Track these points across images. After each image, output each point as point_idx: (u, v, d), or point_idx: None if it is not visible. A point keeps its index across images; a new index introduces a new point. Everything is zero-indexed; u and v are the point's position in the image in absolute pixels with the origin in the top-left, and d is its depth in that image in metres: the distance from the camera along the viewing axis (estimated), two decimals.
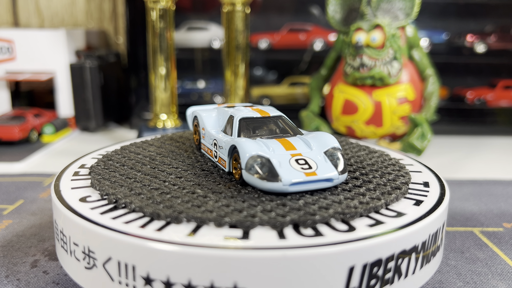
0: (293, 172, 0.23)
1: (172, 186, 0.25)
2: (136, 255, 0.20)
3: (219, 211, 0.21)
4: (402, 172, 0.28)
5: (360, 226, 0.21)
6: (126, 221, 0.22)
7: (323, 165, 0.24)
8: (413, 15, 0.51)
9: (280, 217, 0.21)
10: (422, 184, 0.27)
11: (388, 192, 0.25)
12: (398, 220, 0.22)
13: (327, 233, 0.20)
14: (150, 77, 0.56)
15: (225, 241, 0.19)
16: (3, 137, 0.56)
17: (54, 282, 0.27)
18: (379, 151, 0.33)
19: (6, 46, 0.64)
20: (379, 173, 0.28)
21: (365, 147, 0.34)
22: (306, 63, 0.71)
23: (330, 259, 0.19)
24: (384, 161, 0.30)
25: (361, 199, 0.23)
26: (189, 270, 0.19)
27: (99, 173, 0.27)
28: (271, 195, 0.23)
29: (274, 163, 0.23)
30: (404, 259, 0.21)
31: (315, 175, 0.23)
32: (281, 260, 0.19)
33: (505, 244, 0.33)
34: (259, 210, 0.22)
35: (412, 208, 0.24)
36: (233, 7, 0.53)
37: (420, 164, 0.32)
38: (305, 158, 0.24)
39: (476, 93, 0.70)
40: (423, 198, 0.25)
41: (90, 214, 0.22)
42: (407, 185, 0.26)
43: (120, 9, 0.78)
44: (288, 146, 0.25)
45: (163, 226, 0.21)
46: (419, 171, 0.30)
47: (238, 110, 0.29)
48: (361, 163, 0.30)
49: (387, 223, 0.22)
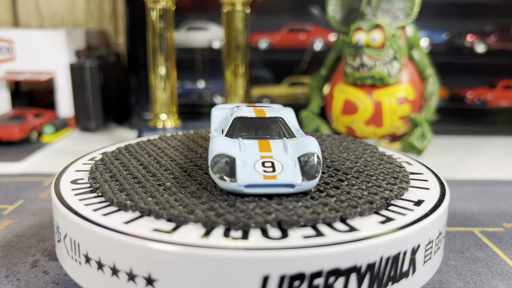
0: (252, 174, 0.23)
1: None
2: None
3: (165, 205, 0.22)
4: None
5: (329, 231, 0.20)
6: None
7: (289, 170, 0.23)
8: (413, 15, 0.51)
9: (215, 217, 0.21)
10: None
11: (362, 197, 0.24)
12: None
13: (256, 238, 0.20)
14: (150, 77, 0.56)
15: (153, 233, 0.20)
16: (3, 137, 0.56)
17: (54, 282, 0.27)
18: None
19: (6, 46, 0.64)
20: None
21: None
22: (306, 63, 0.71)
23: (244, 264, 0.19)
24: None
25: (318, 208, 0.22)
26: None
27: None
28: (231, 196, 0.23)
29: (238, 163, 0.23)
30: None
31: (274, 179, 0.22)
32: (203, 258, 0.19)
33: (505, 244, 0.33)
34: (202, 209, 0.22)
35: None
36: (233, 7, 0.53)
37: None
38: (274, 161, 0.23)
39: (476, 93, 0.70)
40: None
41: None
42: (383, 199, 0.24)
43: (120, 9, 0.78)
44: (264, 148, 0.25)
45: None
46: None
47: (239, 110, 0.29)
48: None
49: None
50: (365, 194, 0.24)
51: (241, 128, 0.27)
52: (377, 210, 0.23)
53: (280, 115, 0.28)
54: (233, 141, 0.25)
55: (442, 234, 0.25)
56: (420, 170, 0.30)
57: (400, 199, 0.25)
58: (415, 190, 0.26)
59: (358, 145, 0.35)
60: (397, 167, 0.29)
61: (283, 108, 0.32)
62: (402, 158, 0.33)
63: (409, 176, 0.28)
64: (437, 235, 0.24)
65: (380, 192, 0.24)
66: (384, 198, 0.24)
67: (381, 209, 0.23)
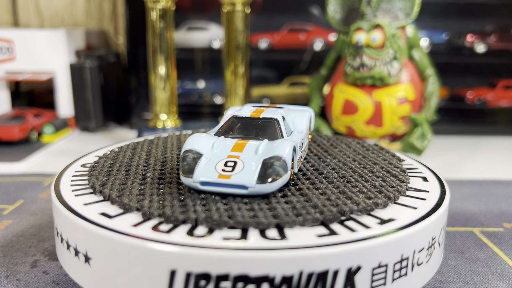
0: (209, 172, 0.23)
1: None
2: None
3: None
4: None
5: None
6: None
7: (247, 172, 0.23)
8: (413, 15, 0.51)
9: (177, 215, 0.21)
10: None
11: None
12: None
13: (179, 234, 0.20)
14: (150, 77, 0.56)
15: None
16: (3, 137, 0.56)
17: (54, 282, 0.27)
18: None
19: (6, 46, 0.64)
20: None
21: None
22: (306, 63, 0.71)
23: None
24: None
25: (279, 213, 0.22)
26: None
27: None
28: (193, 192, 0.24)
29: (202, 160, 0.24)
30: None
31: (227, 179, 0.23)
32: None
33: (505, 244, 0.33)
34: (171, 205, 0.22)
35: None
36: (233, 7, 0.53)
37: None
38: (238, 162, 0.24)
39: (476, 93, 0.70)
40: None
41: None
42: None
43: (120, 9, 0.78)
44: (237, 148, 0.25)
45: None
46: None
47: (240, 109, 0.29)
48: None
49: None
50: (323, 202, 0.23)
51: (234, 127, 0.28)
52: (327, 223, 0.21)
53: (276, 117, 0.28)
54: (211, 139, 0.26)
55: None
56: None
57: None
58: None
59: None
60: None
61: (299, 110, 0.32)
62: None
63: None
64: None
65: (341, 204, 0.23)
66: (342, 212, 0.22)
67: (330, 222, 0.21)
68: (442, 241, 0.25)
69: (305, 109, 0.33)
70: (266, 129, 0.27)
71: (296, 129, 0.30)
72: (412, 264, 0.22)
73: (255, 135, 0.27)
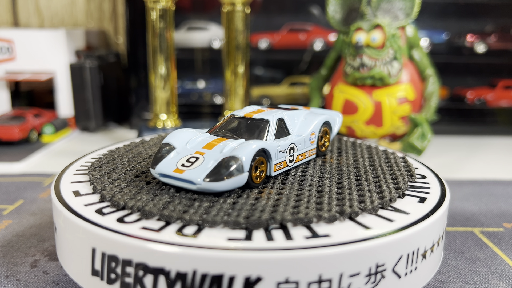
0: (169, 165, 0.25)
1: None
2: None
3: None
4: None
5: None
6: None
7: (201, 168, 0.24)
8: (413, 15, 0.51)
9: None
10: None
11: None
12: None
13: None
14: (150, 77, 0.56)
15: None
16: (3, 137, 0.56)
17: (54, 282, 0.27)
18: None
19: (6, 46, 0.64)
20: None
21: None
22: (306, 63, 0.71)
23: None
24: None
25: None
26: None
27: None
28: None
29: (171, 154, 0.26)
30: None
31: (180, 173, 0.24)
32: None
33: (505, 244, 0.33)
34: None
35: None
36: (233, 7, 0.53)
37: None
38: (200, 158, 0.25)
39: (476, 93, 0.70)
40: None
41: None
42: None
43: (120, 9, 0.78)
44: (209, 145, 0.26)
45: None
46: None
47: (243, 109, 0.30)
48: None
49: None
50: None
51: (228, 125, 0.28)
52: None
53: (268, 118, 0.28)
54: (191, 135, 0.27)
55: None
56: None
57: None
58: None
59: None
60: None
61: (319, 114, 0.31)
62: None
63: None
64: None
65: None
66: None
67: (254, 228, 0.21)
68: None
69: (326, 113, 0.32)
70: (255, 130, 0.27)
71: (296, 133, 0.29)
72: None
73: (239, 134, 0.27)
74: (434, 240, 0.23)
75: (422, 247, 0.22)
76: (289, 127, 0.29)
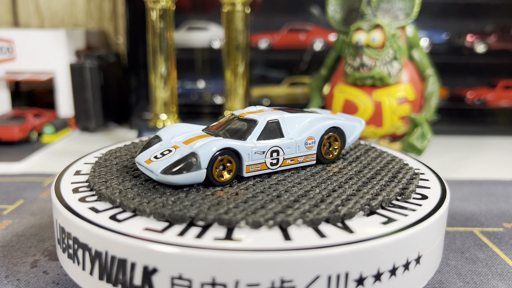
0: (145, 155, 0.26)
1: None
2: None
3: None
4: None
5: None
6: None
7: (166, 161, 0.25)
8: (413, 15, 0.51)
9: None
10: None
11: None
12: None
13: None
14: (150, 77, 0.56)
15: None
16: (3, 137, 0.56)
17: (54, 282, 0.27)
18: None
19: (6, 46, 0.64)
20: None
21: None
22: (306, 63, 0.71)
23: None
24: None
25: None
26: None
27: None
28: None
29: (155, 146, 0.27)
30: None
31: (148, 163, 0.26)
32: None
33: (505, 244, 0.33)
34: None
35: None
36: (233, 7, 0.53)
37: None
38: (172, 151, 0.26)
39: (476, 93, 0.70)
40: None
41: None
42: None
43: (120, 9, 0.78)
44: (189, 141, 0.27)
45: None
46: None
47: (245, 108, 0.31)
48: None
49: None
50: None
51: (223, 123, 0.29)
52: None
53: (257, 119, 0.28)
54: (182, 130, 0.28)
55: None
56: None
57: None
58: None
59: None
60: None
61: (327, 118, 0.30)
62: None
63: None
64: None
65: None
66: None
67: (177, 222, 0.21)
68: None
69: (342, 119, 0.30)
70: (241, 129, 0.28)
71: (292, 136, 0.28)
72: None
73: (228, 132, 0.28)
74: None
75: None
76: (283, 130, 0.28)
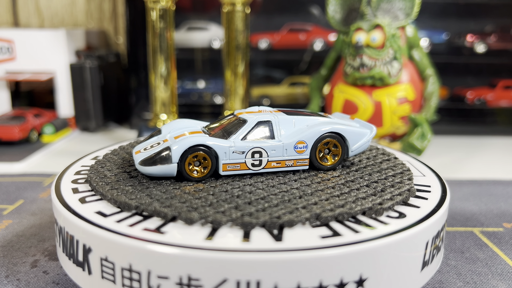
0: (139, 146, 0.28)
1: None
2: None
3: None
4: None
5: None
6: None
7: (148, 153, 0.26)
8: (413, 15, 0.51)
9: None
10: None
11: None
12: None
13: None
14: (150, 77, 0.56)
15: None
16: (3, 137, 0.56)
17: (54, 282, 0.27)
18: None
19: (6, 46, 0.64)
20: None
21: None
22: (306, 63, 0.71)
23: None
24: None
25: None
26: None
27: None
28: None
29: (153, 138, 0.29)
30: None
31: (136, 154, 0.27)
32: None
33: (505, 244, 0.33)
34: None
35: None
36: (233, 7, 0.53)
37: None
38: (161, 144, 0.27)
39: (476, 93, 0.70)
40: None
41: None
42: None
43: (120, 9, 0.78)
44: (179, 136, 0.28)
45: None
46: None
47: (248, 108, 0.31)
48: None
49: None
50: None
51: (221, 122, 0.30)
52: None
53: (246, 119, 0.28)
54: (185, 125, 0.30)
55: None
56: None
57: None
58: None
59: None
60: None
61: (328, 123, 0.29)
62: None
63: None
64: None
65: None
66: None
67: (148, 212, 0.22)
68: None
69: (348, 125, 0.29)
70: (231, 128, 0.28)
71: (282, 139, 0.27)
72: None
73: (225, 131, 0.28)
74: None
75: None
76: (275, 132, 0.27)
